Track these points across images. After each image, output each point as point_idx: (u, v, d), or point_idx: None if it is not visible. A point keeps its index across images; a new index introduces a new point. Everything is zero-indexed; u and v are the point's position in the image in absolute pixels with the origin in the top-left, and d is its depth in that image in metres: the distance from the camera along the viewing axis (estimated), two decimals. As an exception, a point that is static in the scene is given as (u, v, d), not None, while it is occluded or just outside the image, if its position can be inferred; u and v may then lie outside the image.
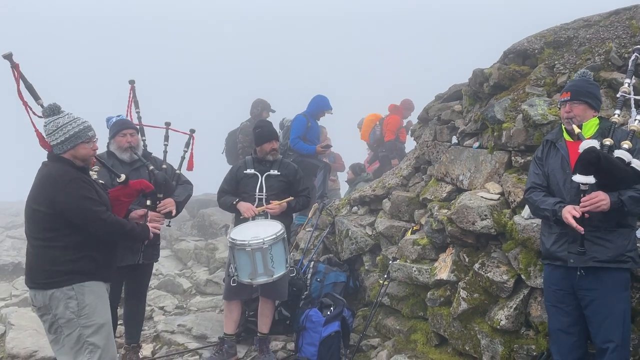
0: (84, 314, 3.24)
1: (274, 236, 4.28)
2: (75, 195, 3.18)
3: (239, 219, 4.85)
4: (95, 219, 3.23)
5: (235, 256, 4.35)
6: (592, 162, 2.90)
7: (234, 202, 4.84)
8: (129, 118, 4.80)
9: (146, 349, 5.12)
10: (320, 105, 7.54)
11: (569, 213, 3.02)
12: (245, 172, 4.92)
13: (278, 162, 4.99)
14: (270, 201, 4.78)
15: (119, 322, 4.85)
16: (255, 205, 4.78)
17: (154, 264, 4.78)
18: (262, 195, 4.82)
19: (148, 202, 4.04)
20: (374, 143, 9.48)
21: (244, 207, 4.75)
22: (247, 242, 4.24)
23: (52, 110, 3.29)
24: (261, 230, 4.35)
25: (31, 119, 3.53)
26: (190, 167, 4.97)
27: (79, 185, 3.21)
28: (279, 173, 4.90)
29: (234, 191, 4.97)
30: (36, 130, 3.48)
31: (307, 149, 7.26)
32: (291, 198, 4.87)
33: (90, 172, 3.53)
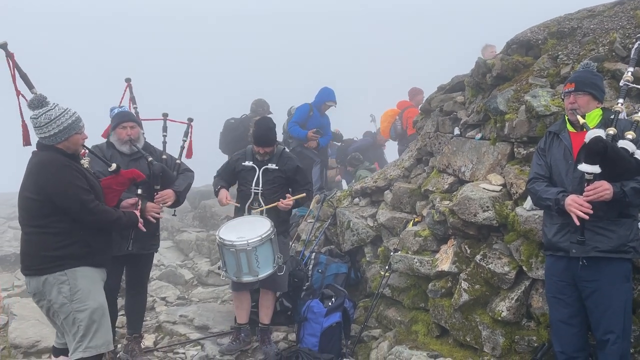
0: (76, 299, 3.27)
1: (259, 238, 4.25)
2: (65, 182, 3.22)
3: (238, 212, 4.85)
4: (82, 207, 3.27)
5: (223, 253, 4.39)
6: (598, 151, 2.90)
7: (217, 189, 4.84)
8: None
9: (148, 340, 5.14)
10: (323, 97, 7.63)
11: (574, 202, 3.01)
12: (243, 164, 4.84)
13: (278, 154, 4.87)
14: (287, 195, 4.73)
15: (120, 313, 4.87)
16: (251, 199, 4.73)
17: (155, 254, 4.79)
18: (259, 189, 4.73)
19: (139, 191, 4.06)
20: (396, 138, 9.49)
21: (219, 196, 4.78)
22: (231, 243, 4.25)
23: (40, 102, 3.29)
24: (248, 231, 4.33)
25: (21, 111, 3.56)
26: (189, 155, 4.97)
27: (68, 173, 3.25)
28: (277, 167, 4.79)
29: (227, 177, 4.95)
30: (23, 123, 3.53)
31: (299, 133, 7.43)
32: (304, 195, 4.79)
33: (82, 161, 3.54)
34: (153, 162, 4.25)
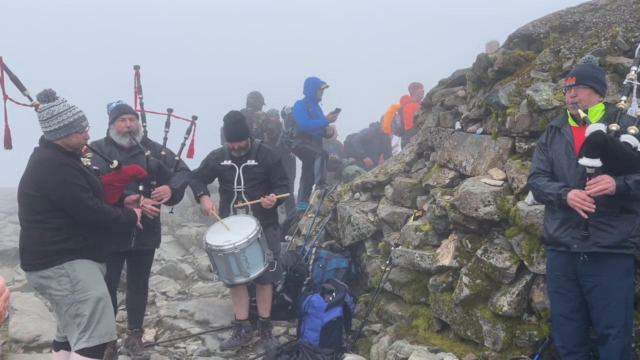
0: (77, 289, 3.27)
1: (246, 240, 4.23)
2: (63, 181, 3.21)
3: (223, 211, 4.81)
4: (80, 205, 3.26)
5: (212, 258, 4.40)
6: (599, 145, 2.89)
7: (198, 195, 4.76)
8: (134, 103, 4.77)
9: (149, 334, 5.15)
10: (313, 85, 7.54)
11: (577, 197, 3.00)
12: (222, 163, 4.74)
13: (255, 149, 4.74)
14: (272, 194, 4.58)
15: (121, 307, 4.87)
16: (234, 198, 4.67)
17: (156, 249, 4.78)
18: (240, 188, 4.66)
19: (140, 188, 4.04)
20: (396, 133, 9.48)
21: (204, 206, 4.71)
22: (219, 248, 4.24)
23: (48, 96, 3.30)
24: (234, 234, 4.31)
25: (6, 115, 3.56)
26: (190, 154, 4.92)
27: (67, 171, 3.24)
28: (257, 163, 4.68)
29: (205, 177, 4.88)
30: (6, 126, 3.55)
31: (318, 123, 7.41)
32: (287, 195, 4.71)
33: (84, 159, 3.53)
34: (150, 157, 4.23)
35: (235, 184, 4.67)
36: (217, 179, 4.96)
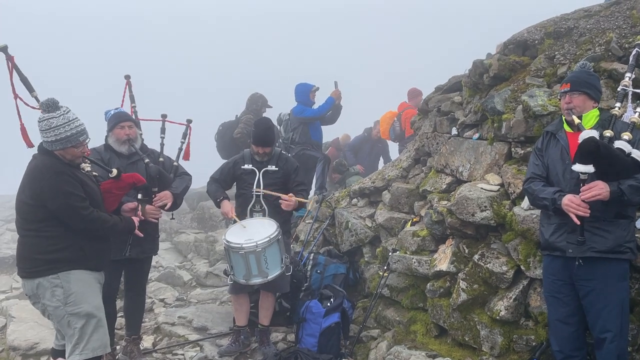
0: (70, 302, 3.27)
1: (268, 239, 4.25)
2: (58, 190, 3.21)
3: (240, 215, 4.83)
4: (75, 214, 3.26)
5: (230, 257, 4.38)
6: (591, 151, 2.91)
7: (218, 200, 4.76)
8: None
9: (147, 341, 5.14)
10: (304, 91, 7.53)
11: (572, 202, 3.02)
12: (242, 167, 4.81)
13: (276, 156, 4.86)
14: (289, 194, 4.58)
15: (119, 315, 4.87)
16: (252, 202, 4.72)
17: (154, 256, 4.78)
18: (260, 192, 4.72)
19: (139, 196, 4.04)
20: (395, 139, 9.49)
21: (224, 209, 4.69)
22: (240, 245, 4.24)
23: (49, 106, 3.28)
24: (255, 233, 4.32)
25: (18, 113, 3.57)
26: (186, 157, 4.94)
27: (63, 180, 3.24)
28: (277, 169, 4.79)
29: (224, 182, 4.91)
30: (21, 125, 3.57)
31: (326, 104, 7.46)
32: (307, 200, 4.75)
33: (84, 165, 3.53)
34: (149, 164, 4.24)
35: (254, 188, 4.72)
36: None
